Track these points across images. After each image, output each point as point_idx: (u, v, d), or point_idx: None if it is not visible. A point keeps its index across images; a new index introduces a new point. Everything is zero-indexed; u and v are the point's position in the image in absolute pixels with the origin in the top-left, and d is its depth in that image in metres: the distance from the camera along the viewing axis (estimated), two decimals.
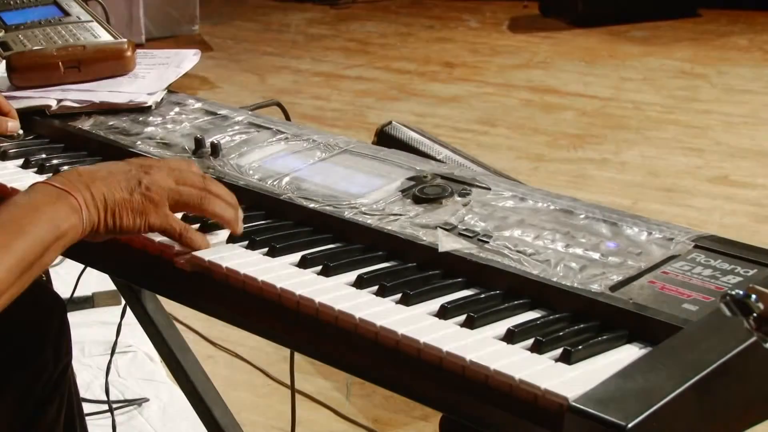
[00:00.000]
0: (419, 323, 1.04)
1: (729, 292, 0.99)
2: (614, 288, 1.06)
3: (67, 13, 1.91)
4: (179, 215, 1.22)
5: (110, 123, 1.60)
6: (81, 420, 1.61)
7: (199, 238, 1.20)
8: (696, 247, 1.13)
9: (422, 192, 1.28)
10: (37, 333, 1.46)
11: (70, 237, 1.11)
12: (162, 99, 1.67)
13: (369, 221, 1.24)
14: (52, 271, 2.45)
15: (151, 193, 1.17)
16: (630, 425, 0.84)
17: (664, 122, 4.48)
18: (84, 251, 1.27)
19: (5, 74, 1.70)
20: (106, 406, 2.22)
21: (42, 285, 1.55)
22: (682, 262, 1.10)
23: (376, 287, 1.11)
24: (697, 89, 4.93)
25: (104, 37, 1.85)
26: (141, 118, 1.61)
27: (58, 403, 1.50)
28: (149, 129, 1.56)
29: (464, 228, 1.20)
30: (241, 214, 1.24)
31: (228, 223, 1.22)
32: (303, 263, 1.17)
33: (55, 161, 1.50)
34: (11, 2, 1.92)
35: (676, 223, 1.20)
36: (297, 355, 1.83)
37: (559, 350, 0.97)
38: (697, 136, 4.31)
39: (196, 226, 1.25)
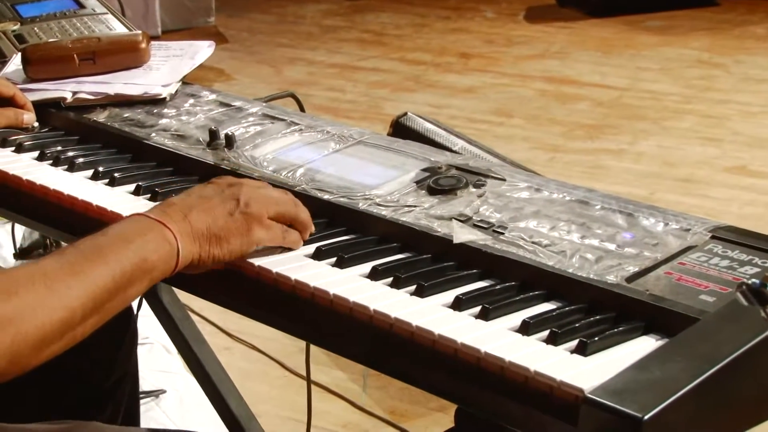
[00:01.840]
0: (434, 315, 1.04)
1: (746, 281, 0.99)
2: (630, 279, 1.06)
3: (82, 6, 1.91)
4: None
5: (125, 115, 1.60)
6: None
7: (298, 237, 1.18)
8: (713, 237, 1.12)
9: (437, 183, 1.28)
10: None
11: (160, 270, 1.07)
12: (176, 91, 1.67)
13: (383, 213, 1.23)
14: None
15: (251, 208, 1.13)
16: (646, 417, 0.84)
17: (681, 112, 4.46)
18: None
19: (21, 66, 1.70)
20: None
21: None
22: (699, 253, 1.09)
23: (390, 279, 1.11)
24: (715, 79, 4.90)
25: (119, 29, 1.85)
26: (155, 110, 1.61)
27: (111, 413, 1.47)
28: (164, 121, 1.56)
29: (479, 219, 1.19)
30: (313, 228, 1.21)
31: (307, 232, 1.20)
32: (318, 255, 1.17)
33: (70, 153, 1.50)
34: None
35: (693, 214, 1.19)
36: (313, 347, 1.83)
37: (575, 342, 0.97)
38: (715, 125, 4.28)
39: None
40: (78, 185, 1.39)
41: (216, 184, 1.17)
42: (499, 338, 0.99)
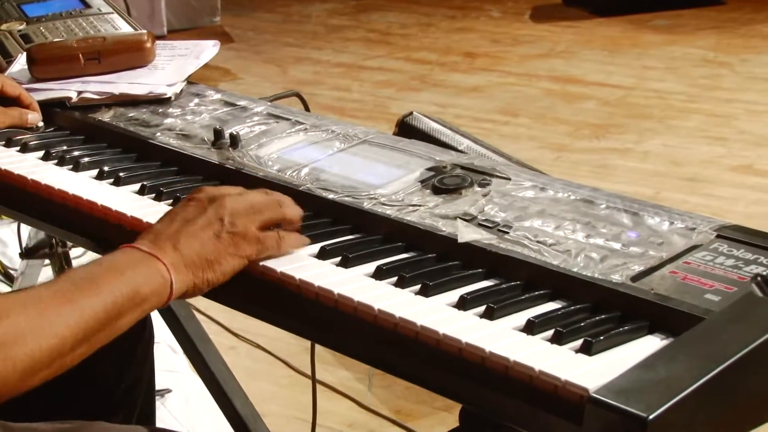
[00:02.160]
0: (438, 314, 1.04)
1: (761, 273, 0.99)
2: (635, 278, 1.05)
3: (88, 5, 1.92)
4: None
5: (130, 114, 1.60)
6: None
7: (295, 239, 1.17)
8: (718, 236, 1.12)
9: (442, 182, 1.28)
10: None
11: (152, 302, 1.06)
12: (181, 90, 1.67)
13: (388, 212, 1.23)
14: (75, 264, 2.46)
15: (236, 227, 1.12)
16: (651, 417, 0.83)
17: (687, 111, 4.45)
18: (105, 246, 1.27)
19: (26, 66, 1.70)
20: None
21: None
22: (704, 252, 1.09)
23: (395, 278, 1.11)
24: (721, 78, 4.89)
25: (125, 29, 1.86)
26: (161, 110, 1.61)
27: (123, 418, 1.46)
28: (169, 120, 1.56)
29: (484, 218, 1.19)
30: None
31: (295, 224, 1.19)
32: (322, 255, 1.17)
33: (75, 153, 1.50)
34: None
35: (698, 213, 1.19)
36: (318, 346, 1.83)
37: (580, 341, 0.97)
38: (721, 124, 4.28)
39: None
40: (83, 185, 1.39)
41: (197, 200, 1.15)
42: (504, 338, 0.99)
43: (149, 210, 1.29)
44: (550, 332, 0.99)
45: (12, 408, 1.30)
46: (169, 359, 2.56)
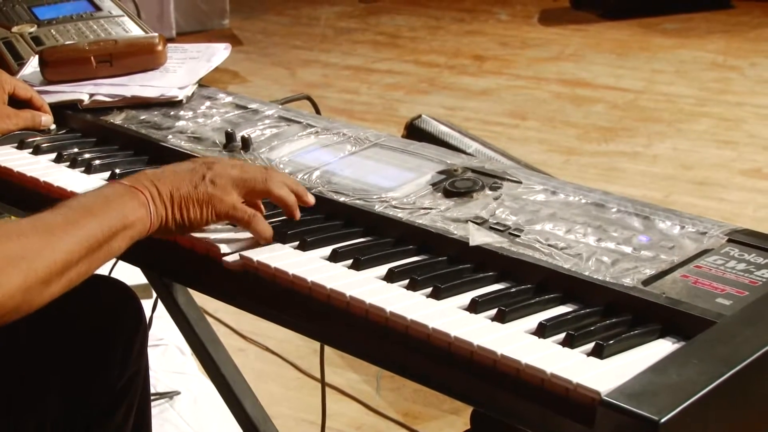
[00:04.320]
0: (450, 317, 1.04)
1: None
2: (647, 282, 1.05)
3: (98, 8, 1.92)
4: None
5: (142, 117, 1.61)
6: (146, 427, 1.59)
7: (265, 227, 1.22)
8: (729, 240, 1.12)
9: (453, 185, 1.28)
10: (103, 334, 1.46)
11: (138, 229, 1.16)
12: (193, 93, 1.67)
13: (399, 215, 1.24)
14: None
15: (216, 184, 1.21)
16: (663, 420, 0.83)
17: (696, 115, 4.45)
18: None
19: (38, 69, 1.71)
20: None
21: (118, 284, 1.56)
22: (715, 256, 1.09)
23: (406, 281, 1.11)
24: (730, 81, 4.89)
25: (135, 31, 1.86)
26: (172, 113, 1.61)
27: (126, 409, 1.49)
28: (180, 123, 1.57)
29: (495, 222, 1.19)
30: (312, 198, 1.27)
31: (289, 208, 1.24)
32: (334, 257, 1.18)
33: (87, 155, 1.50)
34: None
35: (709, 217, 1.19)
36: (327, 348, 1.83)
37: (591, 344, 0.97)
38: (730, 128, 4.27)
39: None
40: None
41: (192, 160, 1.26)
42: (516, 340, 0.99)
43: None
44: (562, 335, 0.99)
45: (30, 404, 1.33)
46: (177, 361, 2.56)
